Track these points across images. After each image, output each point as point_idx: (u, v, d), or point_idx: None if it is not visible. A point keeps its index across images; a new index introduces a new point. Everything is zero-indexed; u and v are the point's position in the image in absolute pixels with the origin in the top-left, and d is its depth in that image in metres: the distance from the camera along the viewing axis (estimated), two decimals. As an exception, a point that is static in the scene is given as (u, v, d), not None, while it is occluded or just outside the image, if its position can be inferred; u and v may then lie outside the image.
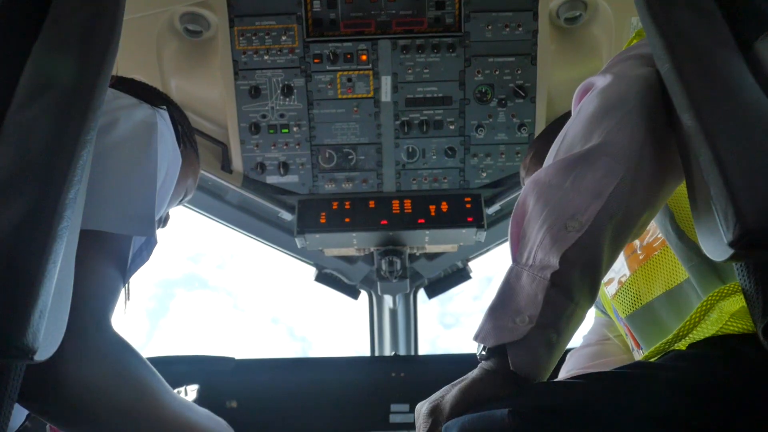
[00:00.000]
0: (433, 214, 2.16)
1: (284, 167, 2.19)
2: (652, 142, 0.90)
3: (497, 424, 0.77)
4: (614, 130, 0.89)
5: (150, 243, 1.08)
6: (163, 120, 1.06)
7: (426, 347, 2.83)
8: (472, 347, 1.33)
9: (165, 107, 1.14)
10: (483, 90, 2.11)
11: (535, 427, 0.77)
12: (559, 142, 0.95)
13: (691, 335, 0.94)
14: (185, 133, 1.39)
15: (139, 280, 1.27)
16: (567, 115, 1.67)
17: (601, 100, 0.93)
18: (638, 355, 1.33)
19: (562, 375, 1.58)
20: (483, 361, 0.90)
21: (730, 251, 0.70)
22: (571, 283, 0.86)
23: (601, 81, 0.98)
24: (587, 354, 1.58)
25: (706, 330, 0.92)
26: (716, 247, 0.73)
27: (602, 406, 0.80)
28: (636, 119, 0.90)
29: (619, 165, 0.87)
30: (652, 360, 0.98)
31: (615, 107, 0.91)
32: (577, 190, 0.88)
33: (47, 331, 0.67)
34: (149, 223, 0.98)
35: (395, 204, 2.19)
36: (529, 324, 0.85)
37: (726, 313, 0.92)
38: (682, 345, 0.93)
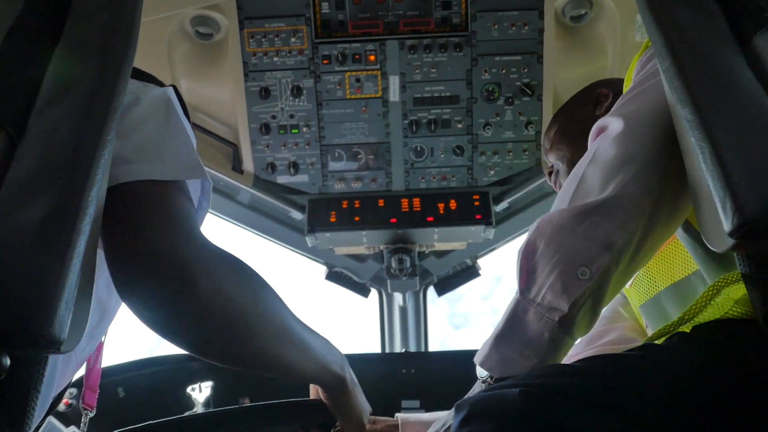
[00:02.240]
0: (441, 212, 2.19)
1: (294, 167, 2.22)
2: (666, 193, 0.93)
3: (508, 402, 0.80)
4: (629, 184, 0.92)
5: (205, 192, 1.14)
6: (172, 97, 1.11)
7: (435, 348, 2.85)
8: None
9: (171, 86, 1.18)
10: (490, 89, 2.13)
11: (543, 406, 0.80)
12: (574, 184, 0.98)
13: (696, 319, 0.96)
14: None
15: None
16: (587, 90, 1.67)
17: (617, 150, 0.96)
18: None
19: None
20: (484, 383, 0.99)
21: (730, 241, 0.72)
22: (575, 324, 0.94)
23: (615, 125, 1.00)
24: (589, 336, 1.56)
25: (710, 314, 0.94)
26: (717, 238, 0.75)
27: (609, 386, 0.83)
28: (650, 174, 0.93)
29: (632, 219, 0.91)
30: (658, 342, 1.00)
31: (630, 160, 0.94)
32: (590, 239, 0.92)
33: (72, 323, 0.69)
34: (199, 167, 1.03)
35: (404, 202, 2.21)
36: (534, 359, 0.94)
37: (731, 299, 0.93)
38: (686, 328, 0.95)
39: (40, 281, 0.67)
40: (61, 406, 1.95)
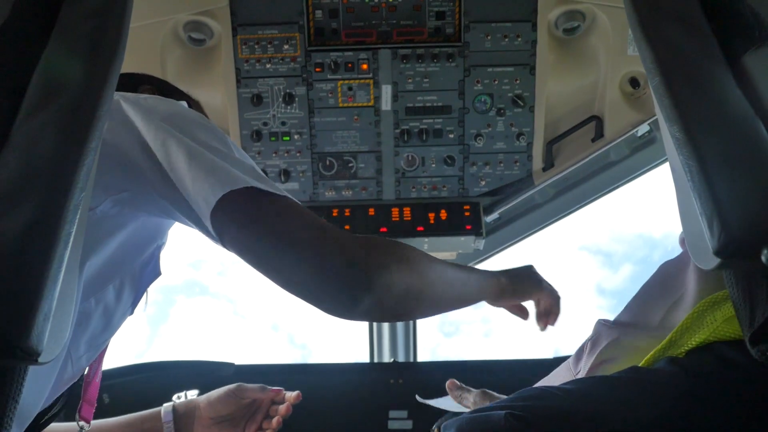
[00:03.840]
0: (432, 221, 2.18)
1: (285, 174, 2.21)
2: None
3: (494, 425, 0.80)
4: None
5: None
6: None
7: (426, 356, 2.84)
8: (472, 355, 1.41)
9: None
10: (482, 99, 2.13)
11: (529, 428, 0.79)
12: None
13: (683, 342, 0.96)
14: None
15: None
16: None
17: None
18: None
19: None
20: None
21: (717, 260, 0.72)
22: None
23: None
24: None
25: (698, 337, 0.94)
26: (704, 256, 0.75)
27: (595, 410, 0.83)
28: None
29: None
30: (648, 366, 1.00)
31: None
32: None
33: (51, 334, 0.68)
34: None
35: (395, 211, 2.21)
36: None
37: (719, 319, 0.93)
38: (676, 352, 0.95)
39: (18, 291, 0.66)
40: None
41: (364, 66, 2.10)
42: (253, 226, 1.00)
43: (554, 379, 1.18)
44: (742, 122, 0.77)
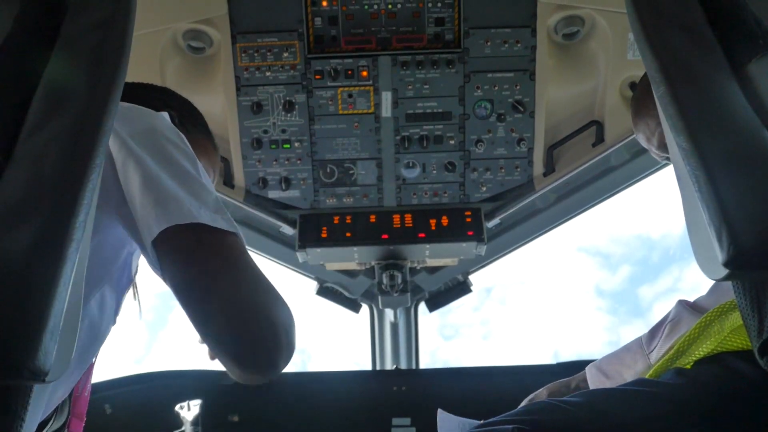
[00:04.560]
0: (433, 228, 2.18)
1: (286, 182, 2.21)
2: None
3: None
4: None
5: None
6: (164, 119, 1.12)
7: (426, 359, 2.84)
8: (472, 359, 1.39)
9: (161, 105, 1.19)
10: (482, 105, 2.13)
11: None
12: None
13: (691, 351, 0.95)
14: (183, 118, 1.45)
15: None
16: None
17: None
18: None
19: None
20: None
21: (725, 271, 0.71)
22: None
23: None
24: None
25: (706, 348, 0.93)
26: (712, 267, 0.75)
27: (601, 424, 0.82)
28: None
29: None
30: (656, 377, 0.99)
31: None
32: None
33: (58, 353, 0.68)
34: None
35: (396, 218, 2.20)
36: None
37: (726, 329, 0.93)
38: (683, 363, 0.94)
39: (25, 311, 0.65)
40: None
41: (364, 73, 2.10)
42: (188, 265, 0.97)
43: (623, 354, 1.15)
44: (749, 131, 0.77)
